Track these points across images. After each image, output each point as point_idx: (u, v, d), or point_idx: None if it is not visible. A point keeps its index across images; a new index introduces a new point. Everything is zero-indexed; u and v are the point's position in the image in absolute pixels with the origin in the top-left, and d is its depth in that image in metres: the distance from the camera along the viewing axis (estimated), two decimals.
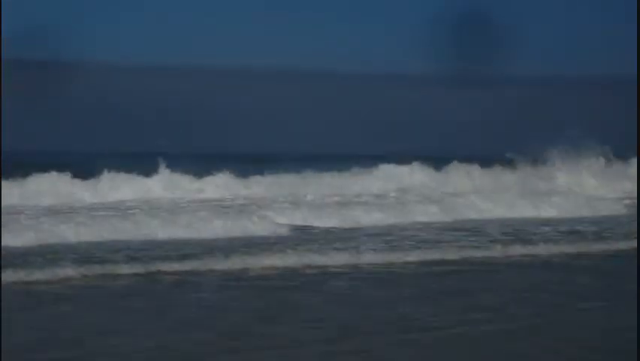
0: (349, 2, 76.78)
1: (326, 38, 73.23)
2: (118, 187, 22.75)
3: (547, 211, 20.85)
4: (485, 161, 28.51)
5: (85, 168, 23.20)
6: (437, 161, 28.22)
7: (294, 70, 57.83)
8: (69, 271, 11.42)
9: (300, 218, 17.92)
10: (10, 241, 13.44)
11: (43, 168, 22.51)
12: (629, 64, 55.63)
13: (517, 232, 17.26)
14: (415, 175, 27.48)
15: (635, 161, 28.31)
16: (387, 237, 15.99)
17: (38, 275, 11.04)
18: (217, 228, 15.86)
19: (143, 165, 23.77)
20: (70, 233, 14.52)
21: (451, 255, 13.90)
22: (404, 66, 66.43)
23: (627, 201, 23.39)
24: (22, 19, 57.05)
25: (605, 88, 44.61)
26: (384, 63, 72.88)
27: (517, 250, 14.58)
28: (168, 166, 24.16)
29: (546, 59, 63.58)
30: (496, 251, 14.50)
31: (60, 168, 22.92)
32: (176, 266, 12.19)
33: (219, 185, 24.25)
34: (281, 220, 17.22)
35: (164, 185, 23.71)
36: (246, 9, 75.02)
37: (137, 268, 11.85)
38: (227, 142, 43.20)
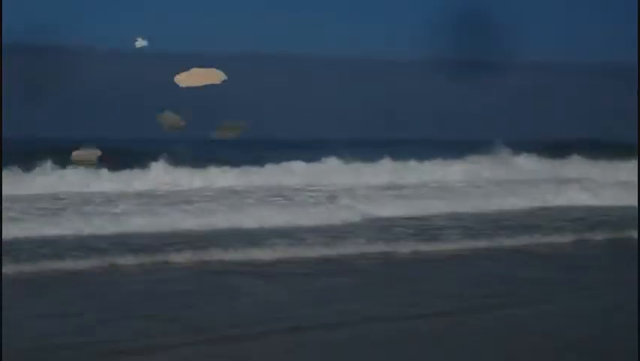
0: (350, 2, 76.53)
1: (326, 37, 72.52)
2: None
3: None
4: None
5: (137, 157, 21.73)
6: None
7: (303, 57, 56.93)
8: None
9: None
10: (7, 232, 12.80)
11: (49, 156, 21.06)
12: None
13: None
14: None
15: None
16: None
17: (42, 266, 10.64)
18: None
19: (142, 156, 22.07)
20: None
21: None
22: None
23: None
24: (22, 5, 55.34)
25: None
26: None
27: None
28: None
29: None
30: None
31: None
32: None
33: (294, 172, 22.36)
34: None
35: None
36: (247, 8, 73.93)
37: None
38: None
